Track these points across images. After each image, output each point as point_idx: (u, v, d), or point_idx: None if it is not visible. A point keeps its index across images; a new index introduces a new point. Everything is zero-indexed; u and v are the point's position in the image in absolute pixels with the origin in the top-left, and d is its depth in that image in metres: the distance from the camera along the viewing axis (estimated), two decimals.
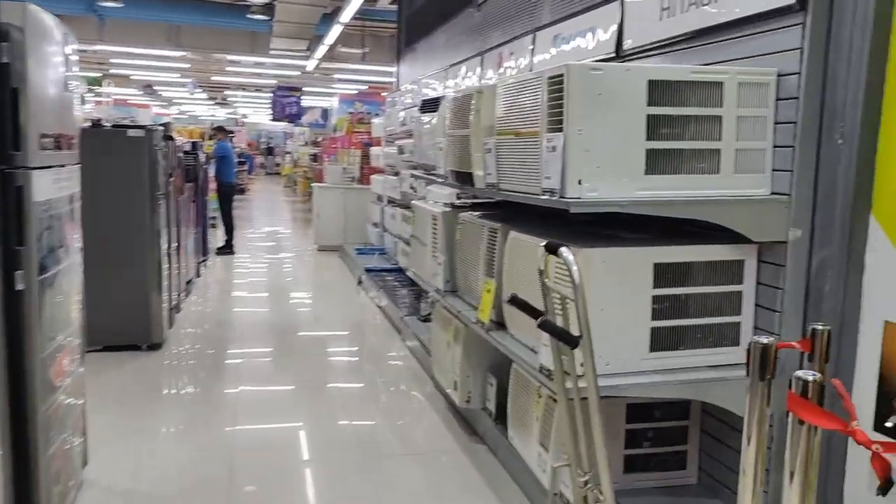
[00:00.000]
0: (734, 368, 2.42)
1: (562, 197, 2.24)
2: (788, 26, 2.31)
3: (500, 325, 2.95)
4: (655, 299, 2.35)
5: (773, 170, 2.41)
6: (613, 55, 3.29)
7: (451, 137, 3.23)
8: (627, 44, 3.20)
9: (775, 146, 2.40)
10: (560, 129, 2.26)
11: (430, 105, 3.84)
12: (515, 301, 2.08)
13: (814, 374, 1.57)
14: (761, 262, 2.46)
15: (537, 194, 2.41)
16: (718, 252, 2.42)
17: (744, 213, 2.31)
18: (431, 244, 3.73)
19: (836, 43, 2.24)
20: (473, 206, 3.76)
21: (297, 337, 5.71)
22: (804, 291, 2.37)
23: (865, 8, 2.16)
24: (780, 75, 2.37)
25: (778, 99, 2.38)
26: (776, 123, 2.39)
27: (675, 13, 2.80)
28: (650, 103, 2.28)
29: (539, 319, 1.98)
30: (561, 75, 2.23)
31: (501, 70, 4.82)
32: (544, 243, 2.01)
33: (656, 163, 2.31)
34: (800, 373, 1.58)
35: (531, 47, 4.30)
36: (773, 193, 2.41)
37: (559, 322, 2.07)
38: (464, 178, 3.12)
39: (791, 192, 2.33)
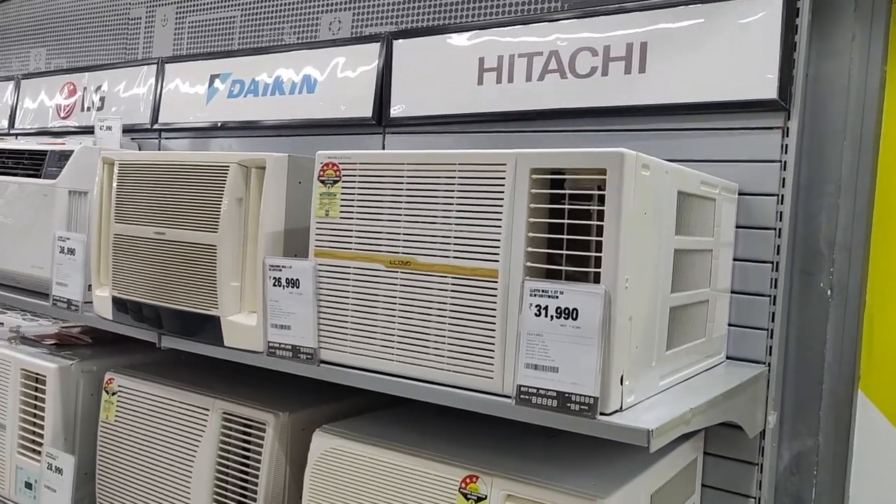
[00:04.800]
0: None
1: (602, 413, 1.11)
2: (761, 129, 1.65)
3: None
4: None
5: (730, 325, 1.70)
6: (371, 121, 2.20)
7: (129, 240, 1.68)
8: (398, 110, 2.15)
9: (732, 292, 1.69)
10: (581, 275, 1.15)
11: (26, 162, 2.07)
12: None
13: None
14: (707, 456, 1.71)
15: (499, 395, 1.21)
16: (687, 453, 1.58)
17: (744, 397, 1.52)
18: (21, 431, 1.97)
19: (821, 157, 1.67)
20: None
21: None
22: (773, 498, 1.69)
23: (859, 116, 1.64)
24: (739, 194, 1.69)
25: (737, 227, 1.69)
26: (734, 260, 1.69)
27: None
28: (677, 230, 1.34)
29: None
30: (600, 172, 1.13)
31: (69, 110, 3.13)
32: None
33: (673, 331, 1.37)
34: None
35: (156, 80, 2.81)
36: (728, 358, 1.69)
37: None
38: (178, 324, 1.61)
39: (768, 360, 1.65)
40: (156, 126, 2.78)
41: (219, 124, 2.59)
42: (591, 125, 1.85)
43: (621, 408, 1.15)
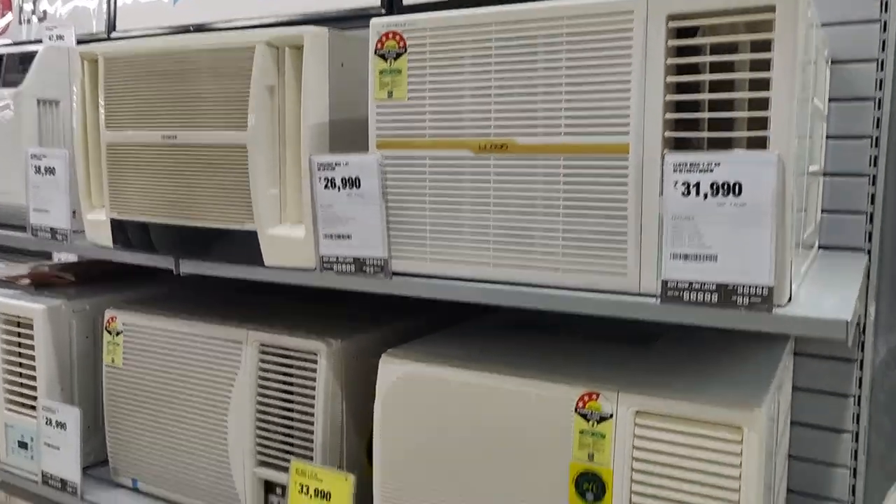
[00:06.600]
0: None
1: (778, 305, 0.92)
2: None
3: None
4: None
5: (823, 210, 1.52)
6: (381, 10, 1.91)
7: (128, 150, 1.39)
8: None
9: (824, 174, 1.52)
10: (724, 143, 0.94)
11: None
12: None
13: None
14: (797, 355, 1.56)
15: (635, 294, 1.01)
16: (787, 353, 1.42)
17: None
18: (7, 385, 1.70)
19: None
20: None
21: None
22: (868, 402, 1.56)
23: None
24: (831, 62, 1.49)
25: (829, 100, 1.50)
26: (826, 138, 1.51)
27: None
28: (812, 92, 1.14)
29: None
30: (766, 11, 0.91)
31: (3, 29, 2.72)
32: None
33: (807, 210, 1.18)
34: None
35: None
36: (819, 248, 1.53)
37: None
38: (201, 245, 1.35)
39: (868, 247, 1.49)
40: (113, 35, 2.43)
41: (191, 28, 2.26)
42: None
43: (790, 298, 0.97)
